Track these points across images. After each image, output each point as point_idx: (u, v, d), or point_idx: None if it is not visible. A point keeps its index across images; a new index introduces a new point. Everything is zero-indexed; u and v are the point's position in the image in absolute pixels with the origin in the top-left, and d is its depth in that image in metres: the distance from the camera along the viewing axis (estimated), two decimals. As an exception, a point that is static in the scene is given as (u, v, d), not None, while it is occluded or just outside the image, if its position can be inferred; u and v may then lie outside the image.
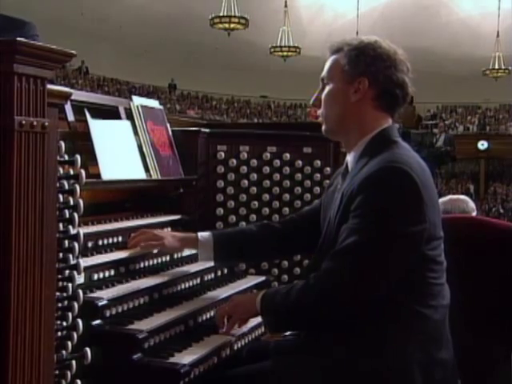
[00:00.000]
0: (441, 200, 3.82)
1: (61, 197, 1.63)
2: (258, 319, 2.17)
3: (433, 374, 1.92)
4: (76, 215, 1.64)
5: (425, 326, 1.93)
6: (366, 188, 1.89)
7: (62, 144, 1.62)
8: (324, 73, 2.14)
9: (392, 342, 1.90)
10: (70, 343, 1.65)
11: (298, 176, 2.99)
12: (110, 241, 2.27)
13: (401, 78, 2.05)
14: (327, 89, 2.11)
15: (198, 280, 2.47)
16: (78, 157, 1.66)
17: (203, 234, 2.35)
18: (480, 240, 2.59)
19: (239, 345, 2.18)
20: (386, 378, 1.89)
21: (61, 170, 1.63)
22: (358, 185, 1.91)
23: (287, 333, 2.36)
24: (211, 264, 2.52)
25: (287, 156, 2.99)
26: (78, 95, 2.40)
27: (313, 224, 2.26)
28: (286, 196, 2.97)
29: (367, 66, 2.03)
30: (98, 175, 2.27)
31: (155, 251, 2.36)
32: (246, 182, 2.97)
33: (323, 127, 2.15)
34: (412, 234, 1.87)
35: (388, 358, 1.89)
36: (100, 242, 2.21)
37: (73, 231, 1.64)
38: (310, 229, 2.28)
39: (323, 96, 2.12)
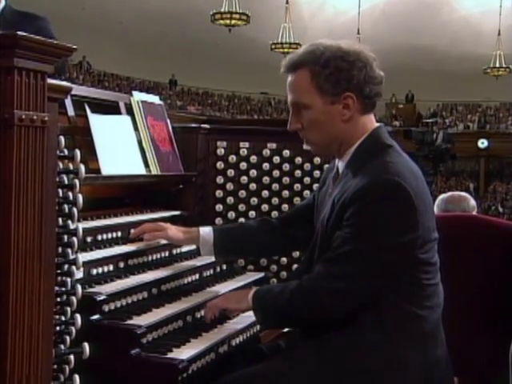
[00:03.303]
0: (442, 197, 3.83)
1: (60, 192, 1.63)
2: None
3: (430, 373, 1.93)
4: (75, 210, 1.64)
5: (421, 326, 1.94)
6: (359, 199, 1.89)
7: (62, 139, 1.62)
8: (295, 98, 2.04)
9: (389, 343, 1.91)
10: (68, 338, 1.65)
11: (298, 173, 2.98)
12: (110, 236, 2.27)
13: (378, 76, 2.01)
14: (309, 114, 2.02)
15: (197, 276, 2.47)
16: (78, 152, 1.66)
17: (204, 230, 2.35)
18: (480, 238, 2.60)
19: (237, 341, 2.18)
20: (384, 378, 1.90)
21: (60, 165, 1.63)
22: (351, 195, 1.90)
23: (284, 329, 2.37)
24: (210, 260, 2.52)
25: (287, 153, 2.99)
26: (79, 90, 2.39)
27: (307, 220, 2.27)
28: (286, 193, 2.97)
29: (348, 82, 1.97)
30: (98, 170, 2.27)
31: (161, 242, 2.37)
32: (245, 178, 2.97)
33: (312, 149, 2.13)
34: (403, 245, 1.88)
35: (386, 358, 1.90)
36: (99, 237, 2.21)
37: (72, 226, 1.65)
38: (306, 225, 2.28)
39: (307, 122, 2.03)
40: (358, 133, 2.04)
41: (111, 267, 2.15)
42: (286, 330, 2.42)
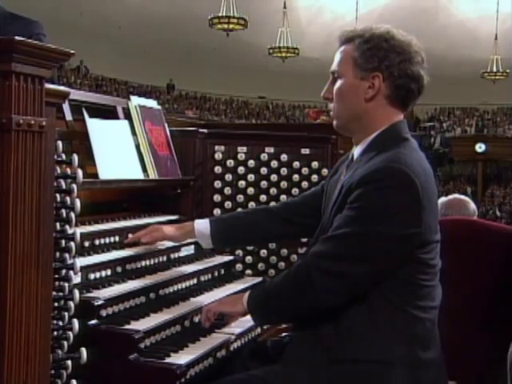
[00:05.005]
0: (442, 200, 3.83)
1: (58, 196, 1.63)
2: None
3: (419, 375, 1.92)
4: (73, 215, 1.64)
5: (412, 325, 1.93)
6: (365, 184, 1.88)
7: (60, 143, 1.63)
8: (334, 66, 2.07)
9: (377, 335, 1.90)
10: (66, 343, 1.65)
11: (296, 177, 2.98)
12: (107, 240, 2.26)
13: (416, 72, 2.00)
14: (339, 83, 2.05)
15: (195, 280, 2.47)
16: (76, 156, 1.65)
17: (200, 222, 2.35)
18: (480, 242, 2.60)
19: (235, 346, 2.17)
20: (370, 370, 1.89)
21: (58, 170, 1.63)
22: (359, 179, 1.90)
23: (283, 334, 2.37)
24: (208, 264, 2.52)
25: (285, 157, 2.99)
26: (76, 94, 2.39)
27: (311, 207, 2.27)
28: (284, 197, 2.97)
29: (381, 61, 1.98)
30: (96, 175, 2.27)
31: (159, 246, 2.38)
32: (243, 182, 2.97)
33: (334, 123, 2.11)
34: (401, 238, 1.87)
35: (373, 351, 1.89)
36: (97, 242, 2.21)
37: (70, 231, 1.64)
38: (308, 211, 2.28)
39: (335, 91, 2.06)
40: (381, 121, 2.02)
41: (109, 272, 2.14)
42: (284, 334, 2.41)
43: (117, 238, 2.31)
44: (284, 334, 2.38)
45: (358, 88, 2.01)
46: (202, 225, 2.34)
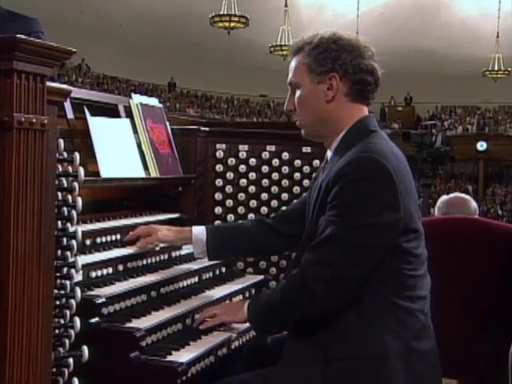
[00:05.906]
0: (443, 199, 3.83)
1: (59, 194, 1.63)
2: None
3: (413, 365, 1.92)
4: (74, 213, 1.64)
5: (401, 316, 1.93)
6: (340, 179, 1.91)
7: (61, 142, 1.63)
8: (291, 77, 2.13)
9: (369, 329, 1.91)
10: (67, 341, 1.65)
11: (297, 175, 2.98)
12: (109, 239, 2.26)
13: (369, 65, 2.05)
14: (298, 93, 2.10)
15: (196, 279, 2.47)
16: (77, 154, 1.66)
17: (197, 228, 2.35)
18: (482, 241, 2.60)
19: (237, 344, 2.18)
20: (363, 366, 1.90)
21: (60, 168, 1.63)
22: (333, 176, 1.93)
23: (283, 333, 2.37)
24: (209, 263, 2.52)
25: (286, 155, 2.99)
26: (78, 93, 2.39)
27: (303, 217, 2.27)
28: (285, 195, 2.97)
29: (334, 62, 2.03)
30: (97, 173, 2.27)
31: (157, 248, 2.38)
32: (244, 180, 2.97)
33: (303, 132, 2.16)
34: (386, 224, 1.89)
35: (367, 345, 1.90)
36: (98, 240, 2.21)
37: (71, 229, 1.65)
38: (301, 221, 2.28)
39: (296, 101, 2.11)
40: (346, 119, 2.06)
41: (110, 270, 2.14)
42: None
43: (118, 236, 2.31)
44: (284, 332, 2.38)
45: (317, 92, 2.06)
46: (200, 231, 2.34)
